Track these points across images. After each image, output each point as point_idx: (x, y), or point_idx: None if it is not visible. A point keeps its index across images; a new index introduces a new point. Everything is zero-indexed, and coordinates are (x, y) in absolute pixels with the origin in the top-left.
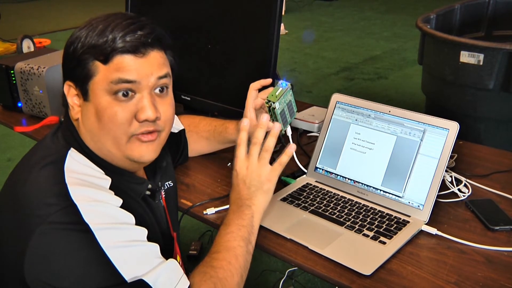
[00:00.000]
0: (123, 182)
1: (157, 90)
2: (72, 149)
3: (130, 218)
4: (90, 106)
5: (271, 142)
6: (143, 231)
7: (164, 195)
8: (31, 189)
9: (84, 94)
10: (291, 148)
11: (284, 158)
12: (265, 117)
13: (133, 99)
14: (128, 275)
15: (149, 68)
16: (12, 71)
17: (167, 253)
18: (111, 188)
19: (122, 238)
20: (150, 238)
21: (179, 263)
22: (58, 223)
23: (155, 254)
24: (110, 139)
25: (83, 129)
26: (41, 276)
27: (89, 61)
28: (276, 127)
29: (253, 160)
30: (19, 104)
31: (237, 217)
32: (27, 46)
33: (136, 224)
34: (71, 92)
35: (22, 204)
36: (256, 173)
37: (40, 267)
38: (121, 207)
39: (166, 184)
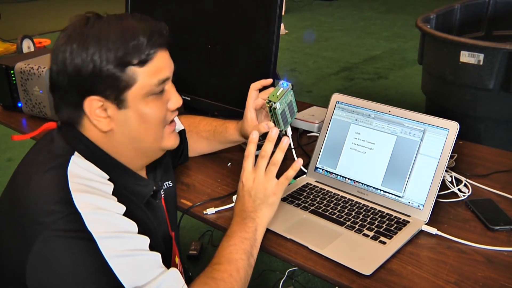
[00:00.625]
0: (129, 185)
1: None
2: (76, 153)
3: (133, 226)
4: (130, 112)
5: (279, 156)
6: (145, 240)
7: (163, 195)
8: (34, 193)
9: (119, 103)
10: (298, 163)
11: (290, 173)
12: (274, 130)
13: (163, 92)
14: (129, 285)
15: (170, 61)
16: (12, 71)
17: (166, 253)
18: (114, 193)
19: (124, 247)
20: (151, 243)
21: (177, 263)
22: (61, 231)
23: (157, 263)
24: (154, 136)
25: (120, 136)
26: (42, 282)
27: (119, 73)
28: (285, 142)
29: (260, 173)
30: (19, 104)
31: (241, 229)
32: (27, 46)
33: (139, 231)
34: (93, 106)
35: (25, 208)
36: (262, 186)
37: (42, 273)
38: (124, 214)
39: (166, 184)
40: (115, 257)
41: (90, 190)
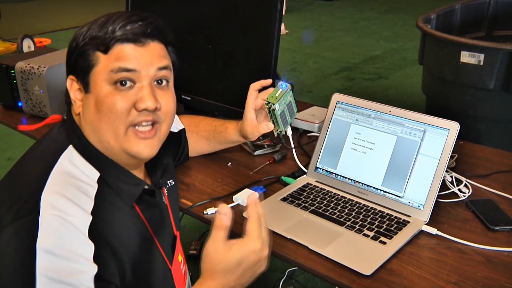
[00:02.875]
0: (118, 183)
1: (156, 82)
2: (70, 147)
3: (89, 249)
4: (91, 97)
5: None
6: (91, 270)
7: (167, 194)
8: (16, 187)
9: (85, 86)
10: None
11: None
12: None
13: (132, 89)
14: None
15: (149, 57)
16: (12, 71)
17: (170, 252)
18: (96, 196)
19: (61, 270)
20: (131, 252)
21: (181, 261)
22: (16, 227)
23: None
24: (109, 129)
25: (84, 122)
26: None
27: (90, 52)
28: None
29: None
30: (20, 104)
31: None
32: (28, 45)
33: (99, 250)
34: (73, 87)
35: (5, 202)
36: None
37: None
38: (89, 227)
39: (168, 183)
40: (45, 276)
41: (65, 192)
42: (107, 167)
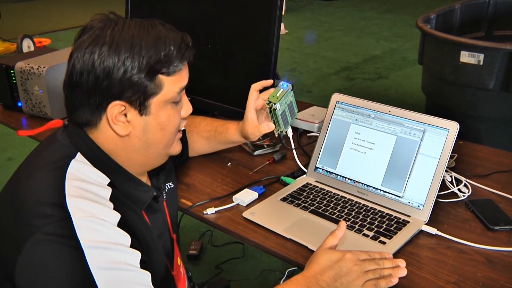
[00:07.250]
0: (129, 190)
1: None
2: (78, 154)
3: (126, 238)
4: (151, 119)
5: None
6: (136, 255)
7: (165, 197)
8: (31, 194)
9: (142, 109)
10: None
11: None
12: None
13: (180, 100)
14: None
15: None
16: (12, 71)
17: (168, 255)
18: (111, 199)
19: (112, 259)
20: (144, 258)
21: (180, 264)
22: (50, 235)
23: (144, 282)
24: (166, 143)
25: (137, 142)
26: (28, 284)
27: (150, 80)
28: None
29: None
30: (19, 104)
31: None
32: (27, 45)
33: (132, 243)
34: (116, 111)
35: (21, 208)
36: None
37: (28, 276)
38: (118, 223)
39: (167, 185)
40: (101, 268)
41: (86, 195)
42: (117, 175)
